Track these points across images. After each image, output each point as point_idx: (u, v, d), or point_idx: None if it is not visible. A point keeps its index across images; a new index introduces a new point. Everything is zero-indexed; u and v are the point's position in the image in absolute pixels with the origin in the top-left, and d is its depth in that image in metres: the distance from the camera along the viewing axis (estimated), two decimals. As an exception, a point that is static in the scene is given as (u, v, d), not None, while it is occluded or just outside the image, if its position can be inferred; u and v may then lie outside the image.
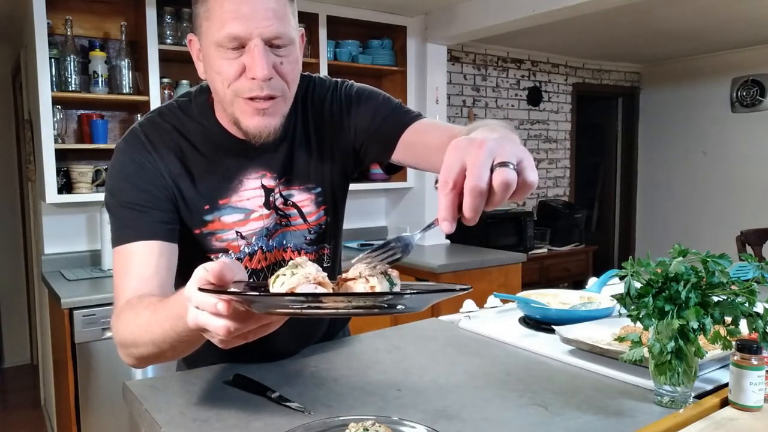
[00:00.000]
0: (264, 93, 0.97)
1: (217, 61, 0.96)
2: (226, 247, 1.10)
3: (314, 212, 1.15)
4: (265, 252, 1.12)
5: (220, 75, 0.97)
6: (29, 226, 3.88)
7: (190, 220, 1.08)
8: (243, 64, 0.95)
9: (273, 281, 0.76)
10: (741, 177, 5.08)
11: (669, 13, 3.80)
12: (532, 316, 1.58)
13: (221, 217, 1.09)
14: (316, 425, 0.97)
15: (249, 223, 1.10)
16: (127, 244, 1.01)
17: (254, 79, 0.95)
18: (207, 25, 0.96)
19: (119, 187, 1.04)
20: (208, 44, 0.97)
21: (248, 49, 0.94)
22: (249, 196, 1.09)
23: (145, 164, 1.04)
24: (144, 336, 0.90)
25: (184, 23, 2.99)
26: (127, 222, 1.02)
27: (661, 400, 1.06)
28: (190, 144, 1.07)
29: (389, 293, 0.74)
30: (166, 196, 1.05)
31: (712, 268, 1.02)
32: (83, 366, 2.45)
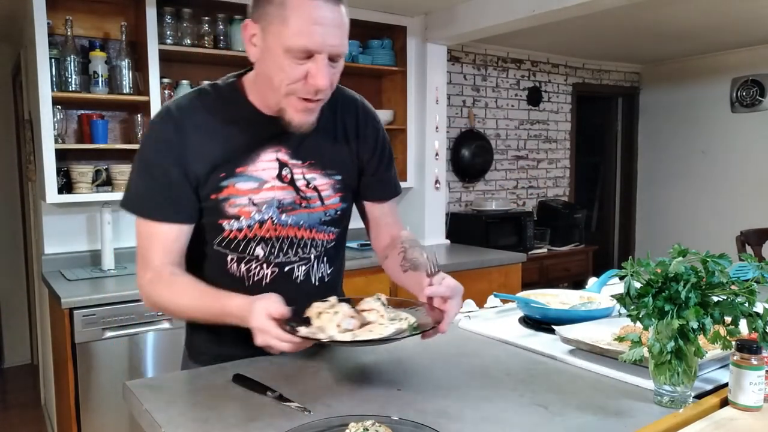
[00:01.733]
0: (317, 98, 1.11)
1: (284, 62, 1.07)
2: (238, 213, 1.19)
3: (332, 196, 1.27)
4: (276, 224, 1.21)
5: (283, 73, 1.08)
6: (29, 226, 3.89)
7: (207, 189, 1.17)
8: (306, 71, 1.08)
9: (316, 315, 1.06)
10: (741, 177, 5.08)
11: (669, 13, 3.80)
12: (532, 316, 1.59)
13: (236, 184, 1.18)
14: (316, 425, 0.97)
15: (261, 192, 1.19)
16: (152, 221, 1.17)
17: (313, 86, 1.08)
18: (281, 29, 1.05)
19: (149, 160, 1.18)
20: (277, 44, 1.07)
21: (314, 59, 1.07)
22: (264, 167, 1.19)
23: (172, 143, 1.16)
24: (180, 311, 1.18)
25: (184, 23, 3.00)
26: (157, 200, 1.17)
27: (660, 400, 1.06)
28: (217, 119, 1.18)
29: (408, 334, 1.06)
30: (188, 173, 1.16)
31: (711, 268, 1.02)
32: (83, 366, 2.45)
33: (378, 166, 1.35)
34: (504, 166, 4.97)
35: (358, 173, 1.33)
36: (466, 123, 4.67)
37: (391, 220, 1.40)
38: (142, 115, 2.94)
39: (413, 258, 1.22)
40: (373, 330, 1.04)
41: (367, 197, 1.37)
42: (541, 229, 4.75)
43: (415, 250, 1.24)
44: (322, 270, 1.31)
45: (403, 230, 1.40)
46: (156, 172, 1.17)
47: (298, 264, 1.26)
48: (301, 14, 1.04)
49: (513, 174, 5.04)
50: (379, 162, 1.34)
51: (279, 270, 1.25)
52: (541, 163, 5.24)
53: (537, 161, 5.21)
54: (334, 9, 1.06)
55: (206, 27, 3.06)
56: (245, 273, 1.24)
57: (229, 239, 1.21)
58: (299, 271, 1.26)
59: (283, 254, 1.24)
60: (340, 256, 1.38)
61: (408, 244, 1.27)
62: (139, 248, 1.20)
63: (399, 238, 1.31)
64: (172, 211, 1.17)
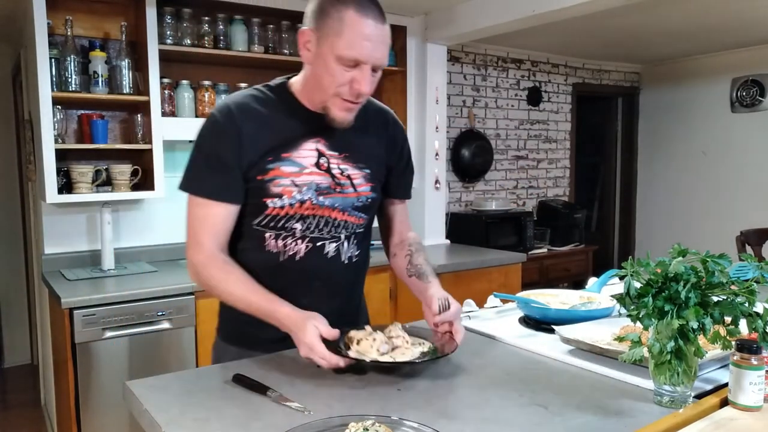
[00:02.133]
0: (358, 101, 1.30)
1: (334, 68, 1.25)
2: (282, 192, 1.33)
3: (363, 185, 1.43)
4: (315, 204, 1.36)
5: (332, 77, 1.26)
6: (29, 226, 3.89)
7: (255, 171, 1.33)
8: (352, 77, 1.25)
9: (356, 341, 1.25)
10: (741, 177, 5.08)
11: (669, 13, 3.80)
12: (532, 316, 1.59)
13: (281, 167, 1.34)
14: (316, 425, 0.97)
15: (302, 176, 1.35)
16: (208, 200, 1.32)
17: (356, 91, 1.26)
18: (336, 40, 1.23)
19: (209, 147, 1.34)
20: (330, 52, 1.24)
21: (360, 68, 1.25)
22: (305, 154, 1.36)
23: (229, 132, 1.32)
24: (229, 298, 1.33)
25: (184, 23, 3.00)
26: (214, 181, 1.32)
27: (660, 400, 1.07)
28: (268, 112, 1.36)
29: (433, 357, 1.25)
30: (242, 157, 1.32)
31: (711, 268, 1.02)
32: (83, 366, 2.45)
33: (403, 169, 1.55)
34: (504, 166, 4.97)
35: (386, 170, 1.50)
36: (466, 123, 4.67)
37: (403, 220, 1.60)
38: (142, 115, 2.94)
39: (418, 264, 1.46)
40: (405, 353, 1.23)
41: (388, 194, 1.54)
42: (541, 229, 4.75)
43: (419, 256, 1.49)
44: (351, 251, 1.45)
45: (410, 231, 1.59)
46: (214, 157, 1.32)
47: (329, 241, 1.40)
48: (354, 30, 1.22)
49: (513, 174, 5.05)
50: (404, 166, 1.55)
51: (312, 245, 1.38)
52: (541, 163, 5.24)
53: (537, 161, 5.21)
54: (381, 28, 1.25)
55: (206, 27, 3.06)
56: (282, 248, 1.38)
57: (271, 217, 1.35)
58: (329, 248, 1.40)
59: (318, 231, 1.39)
60: (366, 242, 1.51)
61: (414, 249, 1.51)
62: (190, 229, 1.35)
63: (407, 240, 1.54)
64: (226, 191, 1.33)
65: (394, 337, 1.27)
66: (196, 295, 2.65)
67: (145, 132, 2.92)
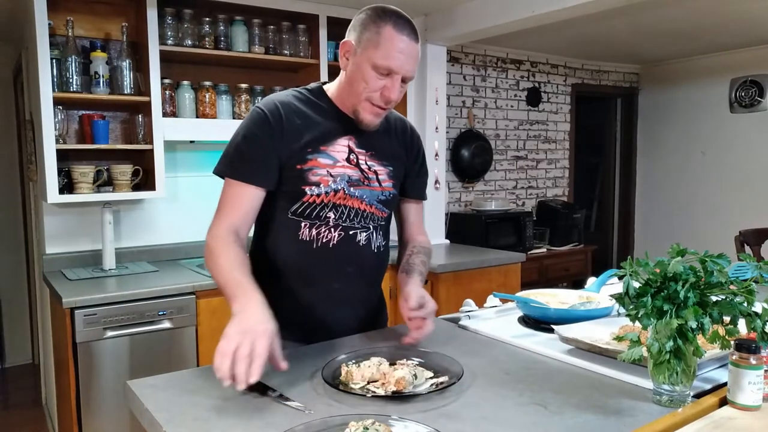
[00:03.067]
0: (386, 107, 1.44)
1: (368, 75, 1.39)
2: (319, 180, 1.45)
3: (386, 180, 1.55)
4: (347, 194, 1.47)
5: (365, 84, 1.40)
6: (30, 226, 3.89)
7: (295, 160, 1.44)
8: (383, 85, 1.39)
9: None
10: (740, 177, 5.08)
11: (668, 13, 3.80)
12: (532, 316, 1.59)
13: (318, 158, 1.46)
14: (316, 424, 0.98)
15: (336, 168, 1.47)
16: (238, 182, 1.42)
17: (386, 97, 1.40)
18: (373, 50, 1.37)
19: (247, 134, 1.44)
20: (366, 60, 1.38)
21: (391, 77, 1.39)
22: (338, 149, 1.48)
23: (272, 122, 1.43)
24: (213, 270, 1.36)
25: (184, 24, 3.00)
26: (249, 164, 1.42)
27: (659, 400, 1.07)
28: (308, 109, 1.49)
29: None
30: (282, 146, 1.43)
31: (710, 268, 1.02)
32: (84, 365, 2.45)
33: (418, 172, 1.66)
34: (503, 167, 4.97)
35: (404, 170, 1.62)
36: (466, 123, 4.67)
37: (415, 221, 1.70)
38: (143, 116, 2.95)
39: (412, 264, 1.56)
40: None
41: (405, 195, 1.65)
42: (541, 229, 4.76)
43: (418, 257, 1.58)
44: (379, 241, 1.56)
45: (422, 235, 1.69)
46: (253, 142, 1.43)
47: (360, 230, 1.50)
48: (390, 43, 1.37)
49: (512, 174, 5.05)
50: (419, 168, 1.66)
51: (345, 233, 1.48)
52: (540, 164, 5.25)
53: (536, 161, 5.21)
54: (413, 44, 1.41)
55: (207, 28, 3.06)
56: (315, 236, 1.46)
57: (307, 204, 1.45)
58: (361, 236, 1.51)
59: (350, 220, 1.49)
60: (388, 235, 1.62)
61: (416, 250, 1.61)
62: (220, 205, 1.44)
63: (415, 242, 1.65)
64: (258, 175, 1.42)
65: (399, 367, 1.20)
66: (196, 295, 2.66)
67: (146, 132, 2.93)
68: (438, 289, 3.23)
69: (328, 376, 1.17)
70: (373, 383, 1.16)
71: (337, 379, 1.18)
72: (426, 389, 1.14)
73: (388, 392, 1.12)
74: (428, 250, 1.65)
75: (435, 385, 1.16)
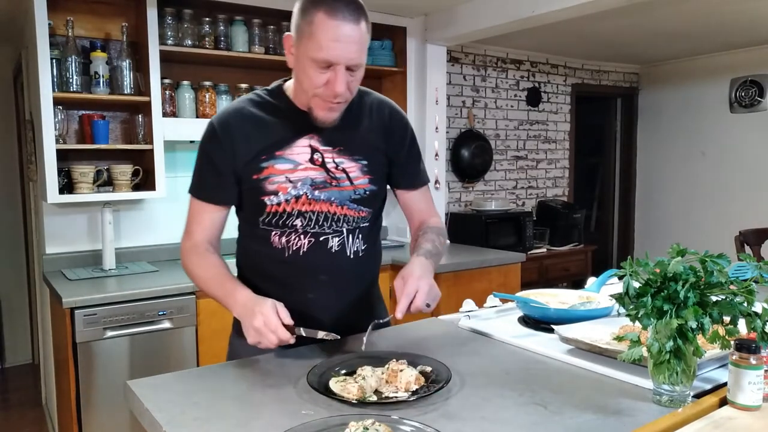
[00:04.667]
0: (336, 101, 1.31)
1: (309, 71, 1.28)
2: (277, 188, 1.38)
3: (360, 177, 1.44)
4: (311, 199, 1.40)
5: (309, 79, 1.29)
6: (30, 226, 3.89)
7: (250, 171, 1.39)
8: (328, 78, 1.27)
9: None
10: (740, 177, 5.08)
11: (668, 13, 3.80)
12: (532, 316, 1.59)
13: (275, 165, 1.39)
14: (316, 424, 0.98)
15: (296, 172, 1.39)
16: (203, 202, 1.43)
17: (332, 91, 1.28)
18: (308, 42, 1.25)
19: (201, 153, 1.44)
20: (304, 54, 1.27)
21: (333, 69, 1.26)
22: (298, 151, 1.40)
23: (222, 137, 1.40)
24: (199, 282, 1.43)
25: (184, 24, 3.00)
26: (206, 184, 1.43)
27: (659, 400, 1.07)
28: (264, 114, 1.42)
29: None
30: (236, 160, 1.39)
31: (710, 268, 1.02)
32: (84, 365, 2.45)
33: (406, 158, 1.54)
34: (503, 167, 4.97)
35: (387, 161, 1.50)
36: (466, 123, 4.67)
37: (423, 207, 1.60)
38: (143, 116, 2.95)
39: (420, 245, 1.45)
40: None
41: (398, 186, 1.56)
42: (541, 229, 4.75)
43: (427, 238, 1.48)
44: (357, 245, 1.47)
45: (433, 217, 1.60)
46: (209, 162, 1.41)
47: (331, 236, 1.43)
48: (324, 32, 1.23)
49: (512, 174, 5.05)
50: (407, 154, 1.54)
51: (315, 240, 1.42)
52: (540, 164, 5.25)
53: (536, 161, 5.21)
54: (353, 27, 1.24)
55: (207, 28, 3.06)
56: (285, 244, 1.43)
57: (272, 214, 1.40)
58: (333, 242, 1.43)
59: (318, 226, 1.42)
60: (374, 236, 1.53)
61: (424, 231, 1.52)
62: (187, 222, 1.46)
63: (425, 225, 1.55)
64: (216, 195, 1.43)
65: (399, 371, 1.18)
66: (196, 295, 2.66)
67: (146, 132, 2.93)
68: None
69: (321, 388, 1.13)
70: (386, 386, 1.15)
71: (330, 390, 1.13)
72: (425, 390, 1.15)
73: (409, 392, 1.12)
74: (439, 228, 1.54)
75: (429, 382, 1.17)
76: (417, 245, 1.47)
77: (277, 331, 1.22)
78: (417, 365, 1.22)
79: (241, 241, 1.54)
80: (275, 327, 1.22)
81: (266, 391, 1.16)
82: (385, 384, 1.15)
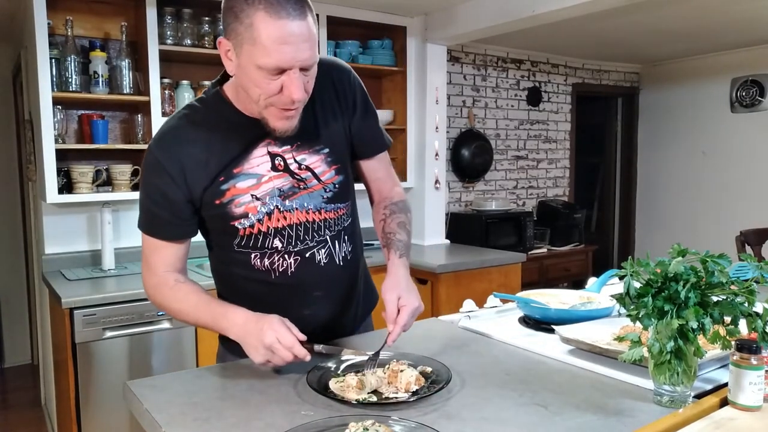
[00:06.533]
0: (295, 107, 1.16)
1: (258, 79, 1.12)
2: (245, 210, 1.25)
3: (327, 171, 1.30)
4: (283, 211, 1.26)
5: (259, 89, 1.13)
6: (30, 226, 3.89)
7: (211, 196, 1.24)
8: (281, 85, 1.12)
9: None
10: (740, 177, 5.08)
11: (669, 13, 3.80)
12: (532, 316, 1.59)
13: (236, 184, 1.24)
14: (316, 425, 0.98)
15: (261, 186, 1.25)
16: (154, 239, 1.28)
17: (289, 98, 1.12)
18: (250, 48, 1.09)
19: (147, 187, 1.27)
20: (249, 62, 1.10)
21: (287, 74, 1.11)
22: (258, 162, 1.25)
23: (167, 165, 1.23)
24: (181, 316, 1.27)
25: (184, 23, 3.00)
26: (159, 221, 1.27)
27: (660, 400, 1.07)
28: (208, 130, 1.25)
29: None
30: (189, 187, 1.24)
31: (711, 268, 1.02)
32: (83, 366, 2.45)
33: (362, 122, 1.37)
34: (504, 166, 4.97)
35: (347, 140, 1.36)
36: (466, 123, 4.67)
37: (382, 176, 1.45)
38: (143, 115, 2.94)
39: (389, 233, 1.35)
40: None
41: (359, 156, 1.41)
42: (541, 229, 4.75)
43: (393, 220, 1.37)
44: (344, 249, 1.37)
45: (395, 187, 1.46)
46: (159, 195, 1.25)
47: (317, 248, 1.32)
48: (269, 35, 1.06)
49: (513, 174, 5.05)
50: (362, 118, 1.37)
51: (300, 258, 1.31)
52: (540, 163, 5.24)
53: (537, 161, 5.21)
54: (300, 24, 1.08)
55: (206, 27, 3.06)
56: (269, 266, 1.30)
57: (246, 237, 1.27)
58: (320, 255, 1.32)
59: (300, 241, 1.30)
60: (356, 231, 1.43)
61: (389, 211, 1.39)
62: (144, 255, 1.30)
63: (387, 200, 1.43)
64: (172, 230, 1.27)
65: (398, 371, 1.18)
66: (196, 295, 2.65)
67: (146, 132, 2.93)
68: (438, 289, 3.23)
69: (321, 389, 1.13)
70: (386, 386, 1.14)
71: (330, 391, 1.13)
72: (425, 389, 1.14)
73: (409, 393, 1.11)
74: (404, 204, 1.42)
75: (429, 383, 1.16)
76: (388, 232, 1.35)
77: (294, 347, 1.13)
78: (417, 366, 1.22)
79: (216, 267, 1.39)
80: (291, 344, 1.13)
81: (266, 391, 1.16)
82: (386, 384, 1.15)
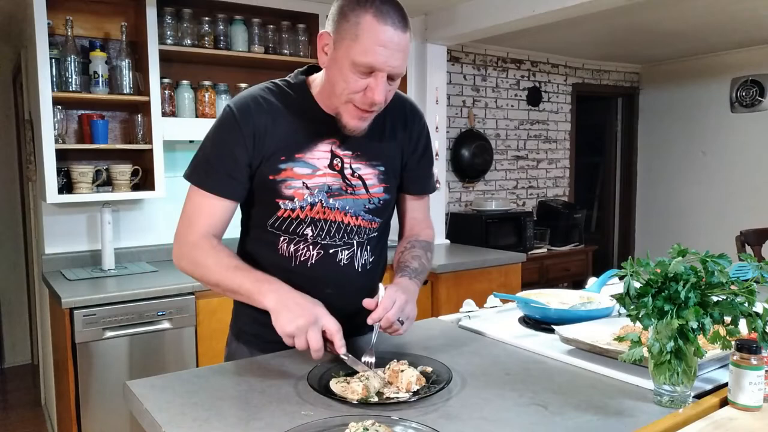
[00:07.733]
0: (372, 110, 1.25)
1: (348, 74, 1.20)
2: (293, 194, 1.31)
3: (376, 185, 1.38)
4: (325, 207, 1.33)
5: (346, 84, 1.21)
6: (30, 226, 3.89)
7: (267, 168, 1.30)
8: (366, 85, 1.20)
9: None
10: (740, 177, 5.08)
11: (669, 13, 3.80)
12: (532, 316, 1.59)
13: (294, 168, 1.31)
14: (316, 425, 0.98)
15: (314, 178, 1.31)
16: (206, 192, 1.30)
17: (370, 99, 1.21)
18: (351, 44, 1.18)
19: (216, 140, 1.31)
20: (345, 57, 1.19)
21: (374, 76, 1.19)
22: (318, 156, 1.32)
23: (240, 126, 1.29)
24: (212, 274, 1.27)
25: (184, 23, 3.00)
26: (217, 174, 1.29)
27: (660, 400, 1.07)
28: (284, 109, 1.32)
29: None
30: (252, 153, 1.29)
31: (711, 268, 1.02)
32: (83, 366, 2.45)
33: (418, 162, 1.47)
34: (504, 166, 4.97)
35: (401, 166, 1.44)
36: (466, 123, 4.67)
37: (420, 216, 1.53)
38: (143, 116, 2.94)
39: (403, 261, 1.41)
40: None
41: (406, 191, 1.49)
42: (541, 229, 4.75)
43: (410, 253, 1.43)
44: (365, 257, 1.41)
45: (427, 229, 1.53)
46: (224, 151, 1.30)
47: (341, 248, 1.37)
48: (371, 35, 1.16)
49: (513, 174, 5.05)
50: (419, 158, 1.46)
51: (324, 252, 1.36)
52: (540, 163, 5.24)
53: (537, 161, 5.21)
54: (400, 35, 1.18)
55: (206, 27, 3.06)
56: (293, 253, 1.35)
57: (283, 219, 1.33)
58: (342, 255, 1.37)
59: (330, 237, 1.35)
60: (382, 246, 1.47)
61: (410, 245, 1.46)
62: (185, 212, 1.33)
63: (414, 236, 1.49)
64: (229, 188, 1.30)
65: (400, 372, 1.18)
66: (196, 295, 2.65)
67: (146, 132, 2.93)
68: (438, 289, 3.23)
69: (321, 389, 1.13)
70: (387, 387, 1.15)
71: (331, 392, 1.13)
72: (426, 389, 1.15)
73: (410, 392, 1.11)
74: (427, 243, 1.48)
75: (430, 383, 1.16)
76: (401, 261, 1.41)
77: (334, 336, 1.16)
78: (418, 366, 1.22)
79: (243, 244, 1.44)
80: (318, 347, 1.14)
81: (266, 391, 1.16)
82: (386, 384, 1.15)
